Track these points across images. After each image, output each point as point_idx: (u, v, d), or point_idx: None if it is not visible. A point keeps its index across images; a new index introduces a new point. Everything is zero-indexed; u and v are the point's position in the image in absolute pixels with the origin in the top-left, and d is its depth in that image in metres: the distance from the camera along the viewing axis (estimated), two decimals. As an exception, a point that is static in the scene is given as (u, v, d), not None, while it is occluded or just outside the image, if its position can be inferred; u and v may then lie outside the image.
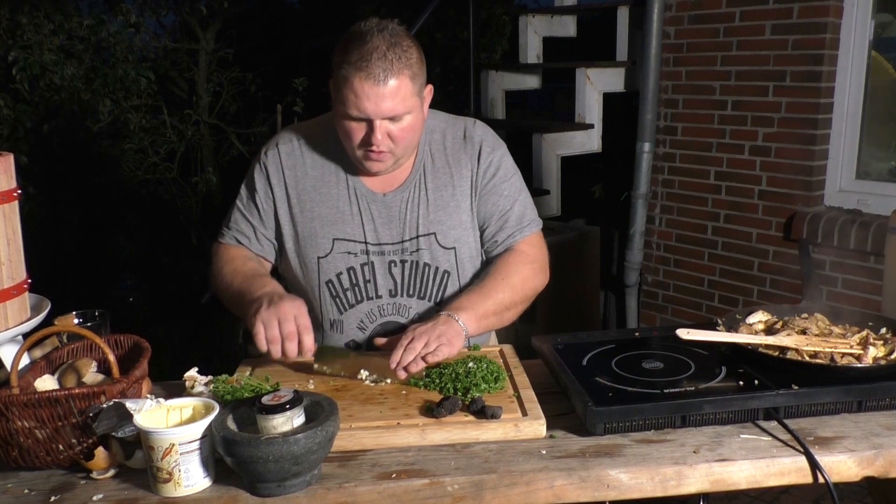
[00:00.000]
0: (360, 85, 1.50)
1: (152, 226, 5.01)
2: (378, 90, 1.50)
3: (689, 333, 1.43)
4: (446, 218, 1.70)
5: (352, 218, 1.69)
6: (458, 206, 1.71)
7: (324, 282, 1.71)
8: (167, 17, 5.07)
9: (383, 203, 1.69)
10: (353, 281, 1.71)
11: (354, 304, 1.72)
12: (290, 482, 1.14)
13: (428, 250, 1.70)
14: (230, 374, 1.44)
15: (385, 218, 1.69)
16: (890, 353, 1.42)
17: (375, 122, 1.54)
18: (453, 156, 1.72)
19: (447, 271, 1.72)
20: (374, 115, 1.52)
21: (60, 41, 4.34)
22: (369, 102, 1.51)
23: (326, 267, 1.70)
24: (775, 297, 3.36)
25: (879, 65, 3.22)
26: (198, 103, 5.06)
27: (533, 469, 1.19)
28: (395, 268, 1.70)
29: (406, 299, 1.72)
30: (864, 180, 3.26)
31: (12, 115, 4.16)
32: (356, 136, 1.57)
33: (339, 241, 1.69)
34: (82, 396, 1.19)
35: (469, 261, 1.74)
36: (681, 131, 3.66)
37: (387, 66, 1.49)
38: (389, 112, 1.53)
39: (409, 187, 1.70)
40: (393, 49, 1.51)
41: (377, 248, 1.69)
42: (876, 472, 1.22)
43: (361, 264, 1.70)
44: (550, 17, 4.66)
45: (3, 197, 1.35)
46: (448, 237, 1.71)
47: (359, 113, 1.53)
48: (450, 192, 1.71)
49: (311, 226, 1.70)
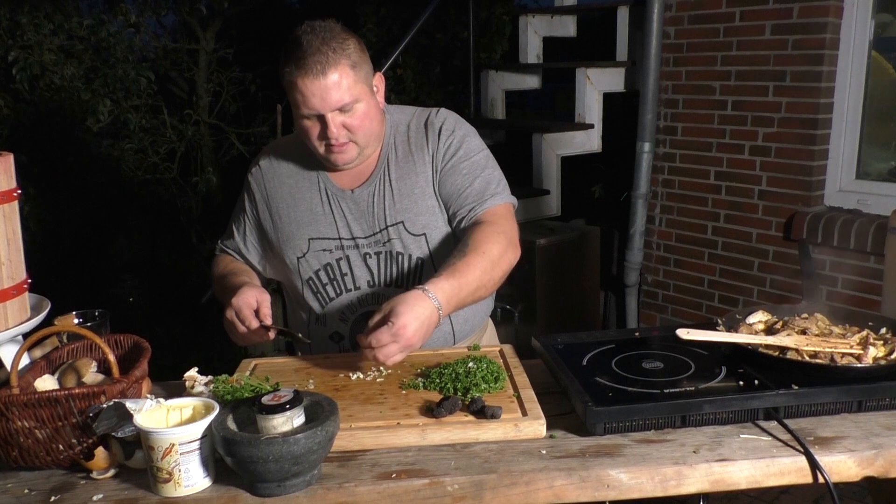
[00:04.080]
0: (304, 83, 1.57)
1: (152, 226, 5.01)
2: (320, 84, 1.56)
3: (689, 333, 1.43)
4: (412, 205, 1.73)
5: (324, 217, 1.76)
6: (423, 192, 1.73)
7: (305, 280, 1.78)
8: (167, 17, 5.07)
9: (352, 199, 1.74)
10: (330, 276, 1.76)
11: (335, 298, 1.77)
12: (290, 482, 1.14)
13: (398, 239, 1.73)
14: (230, 374, 1.45)
15: (356, 213, 1.74)
16: (890, 353, 1.42)
17: (327, 116, 1.60)
18: (415, 143, 1.76)
19: (420, 258, 1.74)
20: (322, 108, 1.59)
21: (60, 41, 4.34)
22: (315, 98, 1.58)
23: (305, 266, 1.77)
24: (775, 297, 3.36)
25: (879, 65, 3.22)
26: (198, 103, 5.06)
27: (533, 469, 1.19)
28: (370, 259, 1.75)
29: (384, 289, 1.75)
30: (864, 180, 3.26)
31: (12, 115, 4.16)
32: (314, 134, 1.64)
33: (314, 241, 1.76)
34: (82, 396, 1.19)
35: (442, 245, 1.75)
36: (681, 131, 3.66)
37: (324, 60, 1.56)
38: (337, 103, 1.59)
39: (375, 181, 1.74)
40: (327, 43, 1.57)
41: (351, 243, 1.75)
42: (876, 472, 1.22)
43: (337, 259, 1.75)
44: (550, 17, 4.66)
45: (3, 197, 1.35)
46: (416, 224, 1.73)
47: (309, 110, 1.60)
48: (413, 179, 1.73)
49: (288, 230, 1.78)
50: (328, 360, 1.65)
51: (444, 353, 1.64)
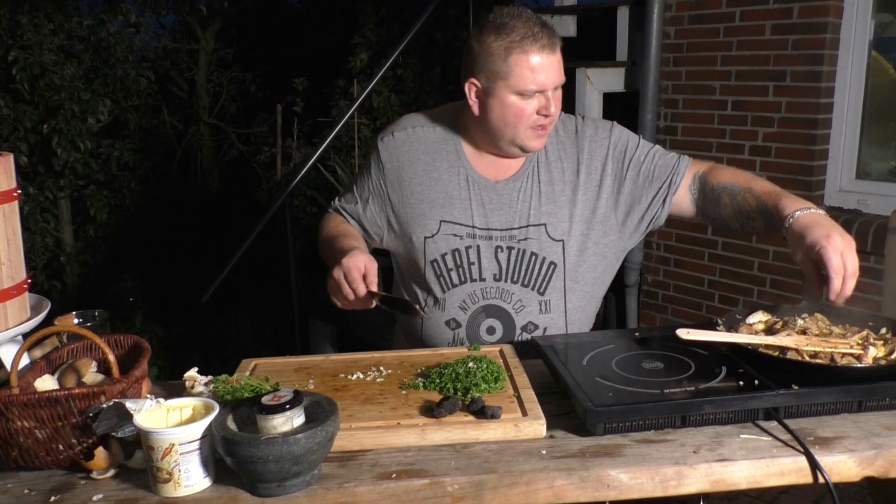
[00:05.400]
0: (539, 58, 1.60)
1: (152, 226, 5.01)
2: (553, 59, 1.63)
3: (689, 333, 1.43)
4: (557, 210, 1.75)
5: (460, 202, 1.76)
6: (570, 200, 1.75)
7: (429, 261, 1.78)
8: (167, 17, 5.08)
9: (495, 190, 1.76)
10: (457, 262, 1.77)
11: (458, 285, 1.77)
12: (290, 482, 1.14)
13: (537, 240, 1.75)
14: (230, 374, 1.44)
15: (496, 204, 1.76)
16: (890, 353, 1.41)
17: (549, 93, 1.64)
18: (567, 150, 1.78)
19: (553, 262, 1.75)
20: (550, 84, 1.63)
21: (60, 41, 4.35)
22: (546, 73, 1.62)
23: (432, 247, 1.77)
24: (775, 297, 3.36)
25: (879, 65, 3.22)
26: (198, 103, 5.07)
27: (533, 469, 1.19)
28: (501, 253, 1.75)
29: (510, 285, 1.76)
30: (864, 180, 3.26)
31: (12, 115, 4.16)
32: (528, 113, 1.66)
33: (445, 224, 1.76)
34: (82, 396, 1.19)
35: (576, 254, 1.77)
36: (681, 131, 3.66)
37: (550, 36, 1.62)
38: (559, 80, 1.65)
39: (522, 177, 1.76)
40: (544, 24, 1.63)
41: (485, 233, 1.75)
42: (876, 472, 1.22)
43: (466, 247, 1.76)
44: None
45: (3, 197, 1.35)
46: (558, 230, 1.75)
47: (537, 86, 1.62)
48: (560, 186, 1.76)
49: (419, 207, 1.78)
50: (328, 360, 1.65)
51: (444, 353, 1.64)
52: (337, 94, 5.07)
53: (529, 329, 1.78)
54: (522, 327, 1.78)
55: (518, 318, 1.77)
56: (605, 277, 1.87)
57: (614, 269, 1.88)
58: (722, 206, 1.72)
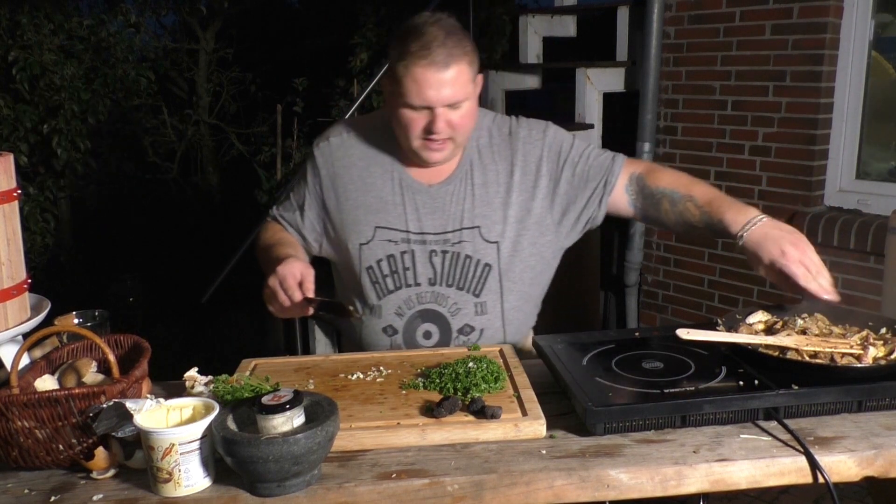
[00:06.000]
0: (423, 73, 1.56)
1: (152, 226, 5.01)
2: (439, 77, 1.56)
3: (689, 333, 1.43)
4: (491, 213, 1.74)
5: (394, 207, 1.74)
6: (504, 202, 1.74)
7: (364, 267, 1.76)
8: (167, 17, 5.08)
9: (428, 194, 1.74)
10: (392, 268, 1.75)
11: (393, 290, 1.76)
12: (290, 482, 1.14)
13: (471, 243, 1.73)
14: (230, 374, 1.44)
15: (430, 208, 1.74)
16: (890, 353, 1.41)
17: (437, 110, 1.59)
18: (500, 152, 1.76)
19: (488, 264, 1.74)
20: (435, 102, 1.58)
21: (60, 41, 4.35)
22: (431, 90, 1.57)
23: (368, 253, 1.75)
24: (775, 297, 3.36)
25: (879, 65, 3.22)
26: (198, 103, 5.07)
27: (533, 469, 1.19)
28: (435, 257, 1.74)
29: (445, 288, 1.75)
30: (864, 180, 3.26)
31: (12, 115, 4.16)
32: (416, 127, 1.62)
33: (380, 230, 1.74)
34: (82, 396, 1.19)
35: (512, 256, 1.76)
36: (681, 131, 3.66)
37: (447, 53, 1.56)
38: (450, 99, 1.59)
39: (455, 180, 1.74)
40: (450, 37, 1.57)
41: (419, 238, 1.74)
42: (876, 472, 1.22)
43: (402, 252, 1.74)
44: (550, 17, 4.66)
45: (3, 197, 1.35)
46: (492, 231, 1.74)
47: (421, 102, 1.58)
48: (494, 188, 1.74)
49: (354, 214, 1.76)
50: (328, 360, 1.65)
51: (444, 353, 1.64)
52: (337, 94, 5.07)
53: (466, 331, 1.76)
54: (459, 330, 1.76)
55: (454, 322, 1.76)
56: (543, 277, 1.86)
57: (552, 269, 1.88)
58: (662, 211, 1.73)
